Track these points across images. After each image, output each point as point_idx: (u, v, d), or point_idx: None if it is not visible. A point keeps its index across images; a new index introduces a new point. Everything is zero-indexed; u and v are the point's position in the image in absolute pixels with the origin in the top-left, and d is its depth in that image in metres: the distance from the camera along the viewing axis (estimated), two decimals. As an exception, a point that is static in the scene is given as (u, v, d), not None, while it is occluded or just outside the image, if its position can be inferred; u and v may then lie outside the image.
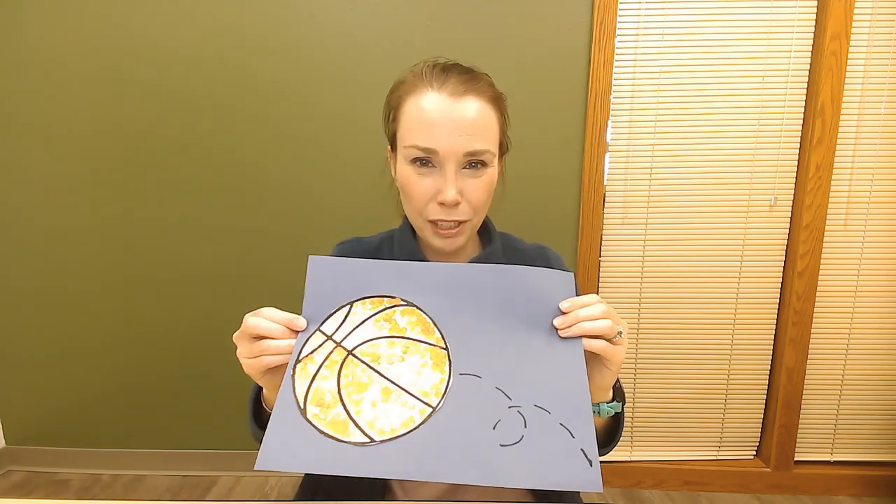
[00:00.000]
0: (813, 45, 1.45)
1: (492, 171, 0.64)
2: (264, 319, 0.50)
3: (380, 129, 1.58)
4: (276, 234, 1.55)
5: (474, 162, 0.62)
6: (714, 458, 1.67)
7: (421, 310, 0.52)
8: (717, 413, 1.64)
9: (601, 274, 1.57)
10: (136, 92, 1.50)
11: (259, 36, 1.46)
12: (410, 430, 0.45)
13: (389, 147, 0.71)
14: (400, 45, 1.46)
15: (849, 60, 1.42)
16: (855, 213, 1.52)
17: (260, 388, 0.60)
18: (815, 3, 1.43)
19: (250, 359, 0.51)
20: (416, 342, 0.50)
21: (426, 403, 0.47)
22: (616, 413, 0.61)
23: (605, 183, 1.52)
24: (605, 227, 1.55)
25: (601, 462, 0.45)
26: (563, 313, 0.51)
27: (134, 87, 1.49)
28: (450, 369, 0.49)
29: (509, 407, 0.47)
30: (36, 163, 1.55)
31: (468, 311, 0.51)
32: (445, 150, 0.60)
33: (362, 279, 0.52)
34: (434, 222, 0.64)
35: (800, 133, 1.49)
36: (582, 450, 0.44)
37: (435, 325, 0.51)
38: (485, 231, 0.76)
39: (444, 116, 0.60)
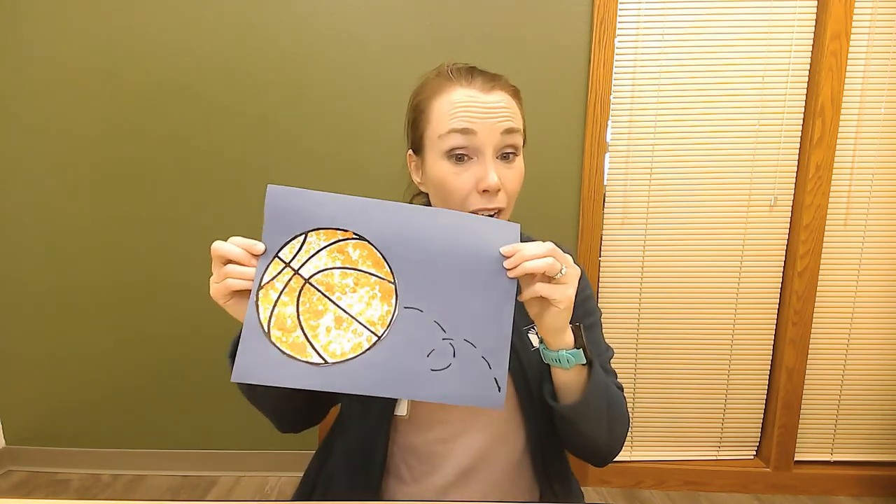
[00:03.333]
0: (813, 45, 1.45)
1: (521, 161, 0.66)
2: (228, 243, 0.55)
3: (381, 129, 1.59)
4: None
5: (507, 151, 0.64)
6: (714, 458, 1.67)
7: (372, 244, 0.56)
8: (717, 413, 1.64)
9: (601, 274, 1.57)
10: (137, 92, 1.50)
11: (260, 36, 1.46)
12: (358, 355, 0.53)
13: (412, 151, 0.71)
14: (400, 45, 1.46)
15: (849, 60, 1.42)
16: (855, 213, 1.52)
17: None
18: (815, 3, 1.43)
19: (217, 283, 0.55)
20: (367, 275, 0.55)
21: (373, 332, 0.54)
22: (589, 364, 0.60)
23: (605, 183, 1.52)
24: (605, 227, 1.55)
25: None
26: (505, 258, 0.55)
27: (134, 88, 1.50)
28: (396, 302, 0.55)
29: (443, 339, 0.54)
30: (37, 163, 1.55)
31: (417, 249, 0.55)
32: (483, 131, 0.61)
33: (317, 211, 0.56)
34: (475, 213, 0.64)
35: (800, 133, 1.49)
36: (495, 378, 0.54)
37: (385, 259, 0.56)
38: None
39: (478, 103, 0.62)
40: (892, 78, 1.44)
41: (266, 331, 0.53)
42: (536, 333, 0.62)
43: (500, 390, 0.54)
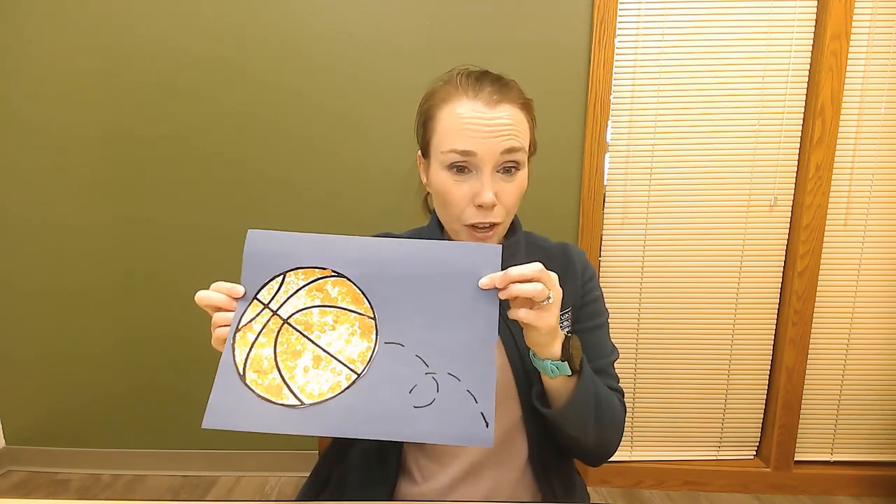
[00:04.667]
0: (813, 45, 1.45)
1: (523, 174, 0.66)
2: (210, 291, 0.56)
3: (381, 129, 1.59)
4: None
5: (508, 166, 0.64)
6: (714, 458, 1.67)
7: (351, 280, 0.55)
8: (717, 413, 1.64)
9: (601, 274, 1.57)
10: (137, 92, 1.50)
11: (260, 36, 1.46)
12: (337, 394, 0.52)
13: (421, 153, 0.72)
14: (400, 45, 1.46)
15: (849, 60, 1.42)
16: (855, 213, 1.52)
17: None
18: (815, 3, 1.43)
19: (213, 333, 0.56)
20: (346, 311, 0.55)
21: (352, 370, 0.53)
22: (577, 375, 0.60)
23: (605, 183, 1.52)
24: (605, 227, 1.55)
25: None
26: (485, 287, 0.54)
27: (134, 87, 1.49)
28: (376, 338, 0.54)
29: (426, 373, 0.52)
30: (36, 163, 1.55)
31: (396, 282, 0.55)
32: (483, 152, 0.62)
33: (295, 251, 0.56)
34: (471, 226, 0.66)
35: (800, 133, 1.49)
36: (482, 413, 0.51)
37: (364, 295, 0.55)
38: (510, 226, 0.77)
39: (481, 122, 0.62)
40: (892, 78, 1.44)
41: (241, 374, 0.52)
42: None
43: (487, 426, 0.51)
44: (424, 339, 0.53)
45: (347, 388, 0.52)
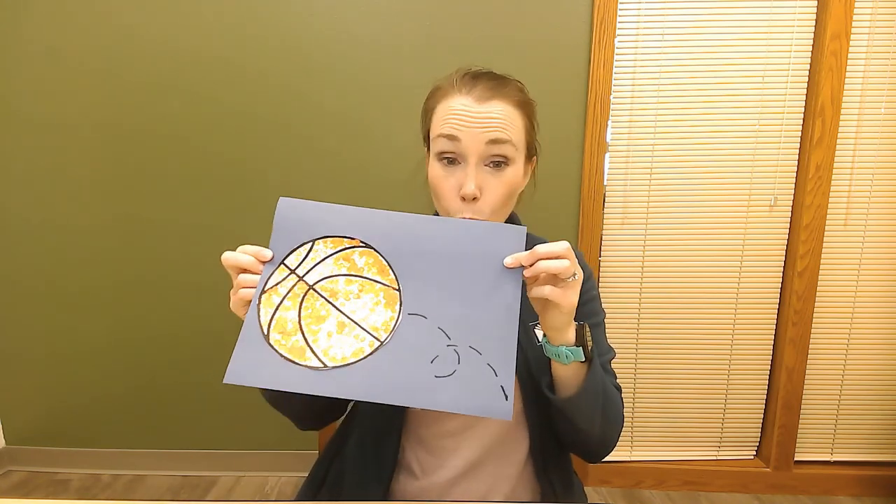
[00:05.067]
0: (813, 45, 1.45)
1: (513, 171, 0.66)
2: (237, 252, 0.56)
3: (381, 129, 1.59)
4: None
5: (496, 159, 0.64)
6: (714, 458, 1.67)
7: (378, 252, 0.56)
8: (717, 413, 1.64)
9: (601, 274, 1.57)
10: (137, 91, 1.50)
11: (260, 36, 1.46)
12: (359, 360, 0.52)
13: (426, 150, 0.73)
14: (400, 45, 1.46)
15: (849, 60, 1.42)
16: (855, 213, 1.52)
17: None
18: (815, 3, 1.43)
19: (234, 295, 0.56)
20: (371, 282, 0.55)
21: (375, 337, 0.53)
22: (589, 362, 0.60)
23: (605, 183, 1.52)
24: (605, 227, 1.55)
25: (604, 461, 0.44)
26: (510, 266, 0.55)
27: (135, 87, 1.50)
28: (400, 308, 0.54)
29: (447, 345, 0.53)
30: (37, 162, 1.55)
31: (422, 256, 0.56)
32: (468, 140, 0.63)
33: (326, 220, 0.57)
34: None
35: (800, 133, 1.49)
36: (502, 386, 0.52)
37: (390, 266, 0.56)
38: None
39: (469, 113, 0.64)
40: (892, 78, 1.44)
41: (265, 333, 0.53)
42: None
43: (506, 399, 0.51)
44: (447, 313, 0.54)
45: (370, 354, 0.52)
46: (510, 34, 1.44)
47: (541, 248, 0.54)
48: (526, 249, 0.55)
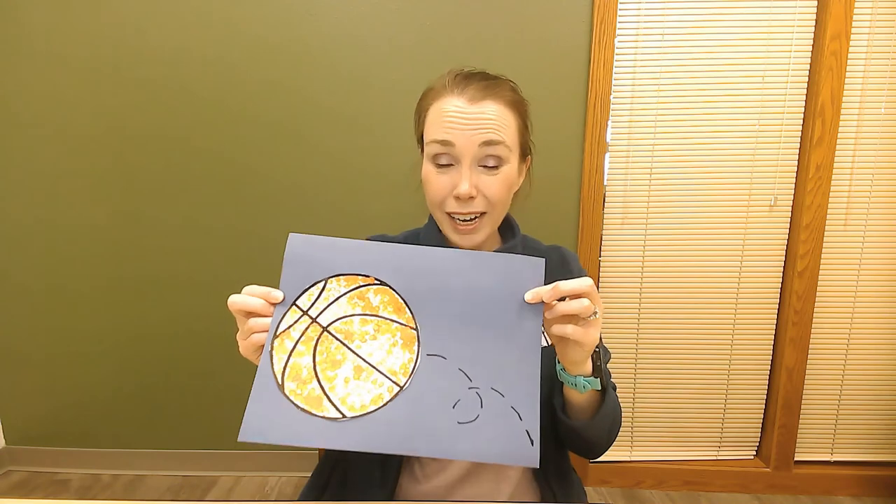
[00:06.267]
0: (813, 45, 1.45)
1: (508, 170, 0.67)
2: (244, 295, 0.54)
3: (382, 130, 1.59)
4: (278, 234, 1.55)
5: (489, 161, 0.65)
6: (714, 458, 1.67)
7: (394, 289, 0.54)
8: (717, 413, 1.64)
9: (601, 274, 1.57)
10: (138, 91, 1.50)
11: (260, 36, 1.46)
12: (379, 408, 0.50)
13: (420, 150, 0.73)
14: (400, 45, 1.46)
15: (849, 60, 1.42)
16: (855, 213, 1.52)
17: None
18: (815, 3, 1.43)
19: (244, 340, 0.54)
20: (387, 321, 0.53)
21: (394, 382, 0.51)
22: (603, 389, 0.62)
23: (605, 183, 1.52)
24: (605, 227, 1.55)
25: (604, 461, 0.44)
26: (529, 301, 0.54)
27: (135, 87, 1.50)
28: (418, 349, 0.52)
29: (469, 388, 0.51)
30: (37, 162, 1.55)
31: (439, 293, 0.54)
32: (461, 143, 0.63)
33: (338, 257, 0.55)
34: (451, 216, 0.67)
35: (800, 133, 1.49)
36: (527, 431, 0.49)
37: (406, 305, 0.54)
38: (507, 228, 0.78)
39: (461, 115, 0.64)
40: (892, 78, 1.44)
41: (280, 383, 0.50)
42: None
43: (532, 444, 0.49)
44: (467, 353, 0.52)
45: (390, 400, 0.50)
46: (510, 34, 1.44)
47: (564, 286, 0.52)
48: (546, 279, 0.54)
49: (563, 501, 0.71)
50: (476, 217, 0.67)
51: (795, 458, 1.63)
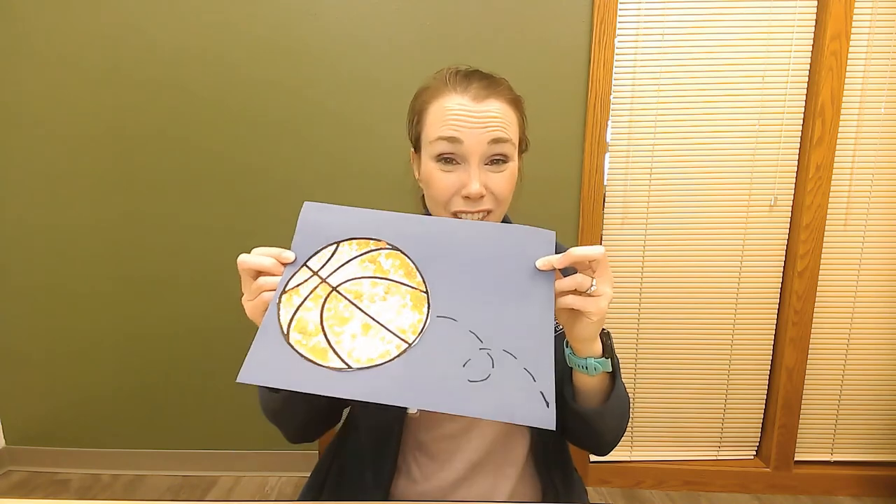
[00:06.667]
0: (813, 45, 1.45)
1: (512, 167, 0.66)
2: (255, 255, 0.54)
3: (380, 129, 1.58)
4: (278, 234, 1.55)
5: (496, 158, 0.64)
6: (714, 458, 1.67)
7: (405, 254, 0.54)
8: (717, 413, 1.64)
9: (601, 274, 1.57)
10: (137, 91, 1.50)
11: (260, 36, 1.46)
12: (386, 361, 0.49)
13: (413, 150, 0.73)
14: (400, 45, 1.46)
15: (849, 60, 1.42)
16: (855, 213, 1.52)
17: None
18: (815, 3, 1.43)
19: (251, 300, 0.53)
20: (398, 284, 0.53)
21: (402, 339, 0.50)
22: (612, 376, 0.61)
23: (605, 183, 1.52)
24: (605, 227, 1.55)
25: (604, 461, 0.44)
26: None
27: (135, 86, 1.50)
28: (428, 311, 0.52)
29: (480, 349, 0.50)
30: (36, 162, 1.55)
31: (451, 259, 0.54)
32: (470, 142, 0.63)
33: (351, 222, 0.55)
34: (457, 215, 0.66)
35: (800, 133, 1.49)
36: (541, 392, 0.48)
37: (417, 269, 0.53)
38: None
39: (468, 113, 0.63)
40: (892, 78, 1.44)
41: (285, 332, 0.50)
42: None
43: (547, 406, 0.47)
44: (478, 316, 0.51)
45: (398, 356, 0.49)
46: (510, 34, 1.44)
47: (575, 252, 0.52)
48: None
49: (565, 498, 0.71)
50: (483, 215, 0.66)
51: (795, 458, 1.63)
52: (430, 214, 0.73)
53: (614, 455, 1.66)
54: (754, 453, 1.69)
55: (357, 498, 0.70)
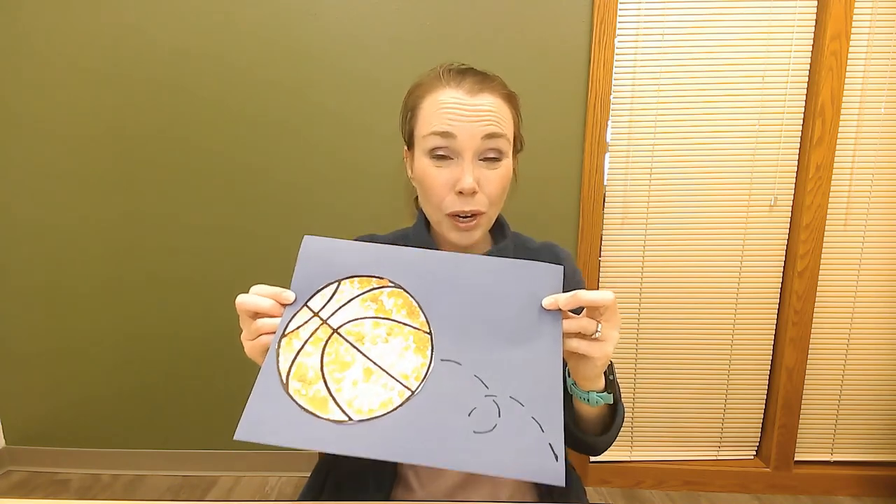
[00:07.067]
0: (813, 45, 1.45)
1: (507, 164, 0.66)
2: (253, 295, 0.52)
3: (380, 129, 1.59)
4: (278, 234, 1.55)
5: (490, 154, 0.63)
6: (714, 458, 1.67)
7: (408, 292, 0.52)
8: (717, 413, 1.64)
9: (601, 274, 1.57)
10: (137, 91, 1.50)
11: (259, 36, 1.46)
12: (388, 412, 0.47)
13: (406, 147, 0.72)
14: (400, 44, 1.46)
15: (849, 60, 1.42)
16: (855, 213, 1.52)
17: None
18: (815, 3, 1.43)
19: (251, 340, 0.52)
20: (400, 325, 0.51)
21: (405, 386, 0.48)
22: (611, 404, 0.61)
23: (605, 183, 1.52)
24: (605, 227, 1.55)
25: (604, 461, 0.43)
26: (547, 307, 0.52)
27: (135, 86, 1.50)
28: (431, 354, 0.50)
29: (485, 396, 0.48)
30: (36, 161, 1.55)
31: (455, 298, 0.52)
32: (463, 136, 0.62)
33: (353, 259, 0.53)
34: (453, 216, 0.65)
35: (800, 133, 1.49)
36: (550, 444, 0.45)
37: (421, 308, 0.52)
38: (498, 228, 0.77)
39: (462, 107, 0.62)
40: (892, 78, 1.44)
41: (284, 382, 0.48)
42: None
43: (557, 459, 0.45)
44: (483, 359, 0.49)
45: (400, 405, 0.47)
46: (510, 34, 1.44)
47: (583, 296, 0.49)
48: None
49: (563, 500, 0.71)
50: (475, 215, 0.65)
51: (795, 458, 1.63)
52: (423, 215, 0.73)
53: (614, 455, 1.66)
54: (754, 453, 1.69)
55: (357, 498, 0.70)
